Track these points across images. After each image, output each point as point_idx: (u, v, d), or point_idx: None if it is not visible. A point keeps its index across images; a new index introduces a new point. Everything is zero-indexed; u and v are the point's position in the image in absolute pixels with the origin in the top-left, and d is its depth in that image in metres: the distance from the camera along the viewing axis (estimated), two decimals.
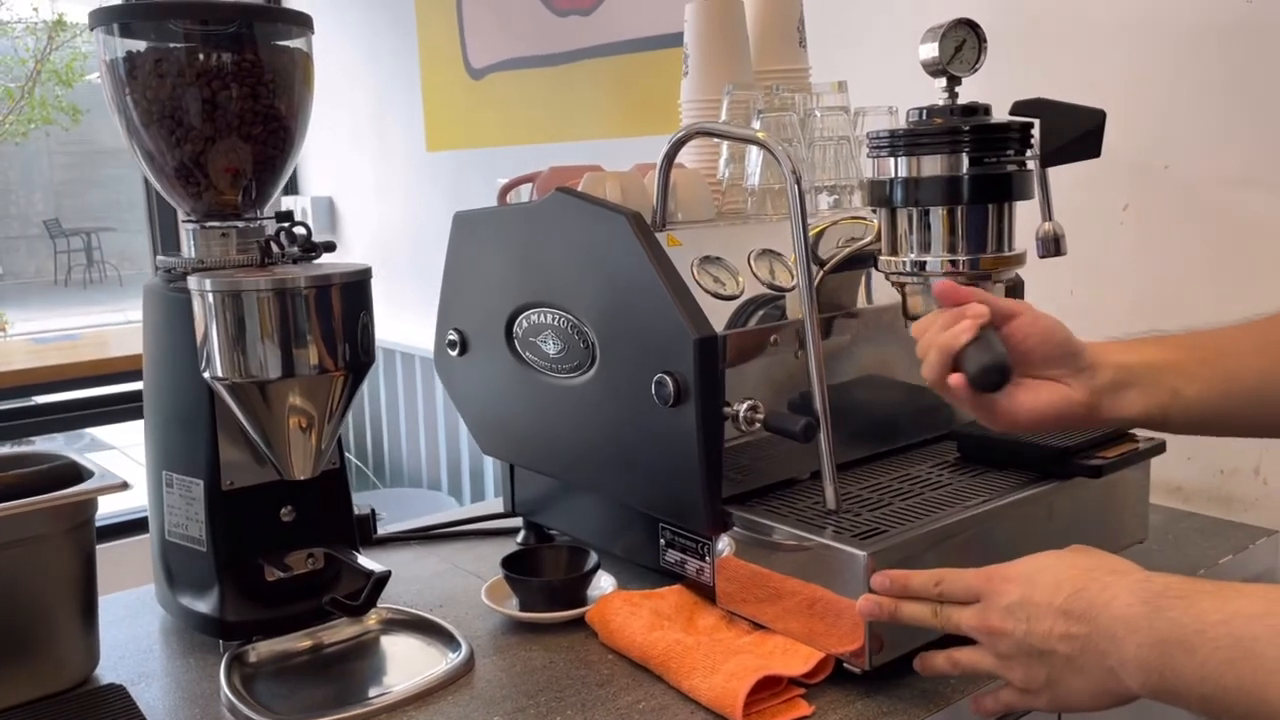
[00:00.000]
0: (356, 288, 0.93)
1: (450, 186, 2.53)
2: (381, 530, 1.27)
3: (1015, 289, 1.16)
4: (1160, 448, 1.03)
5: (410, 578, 1.14)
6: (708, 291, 0.95)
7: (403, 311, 2.45)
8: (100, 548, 0.95)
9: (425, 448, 2.67)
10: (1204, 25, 1.21)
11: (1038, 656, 0.70)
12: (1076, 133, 0.92)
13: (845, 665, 0.86)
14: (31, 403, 3.22)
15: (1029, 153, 0.94)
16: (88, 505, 0.91)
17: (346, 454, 3.02)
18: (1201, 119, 1.23)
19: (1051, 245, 0.99)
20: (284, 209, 3.14)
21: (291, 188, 3.17)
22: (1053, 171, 0.95)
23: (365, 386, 3.15)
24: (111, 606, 1.06)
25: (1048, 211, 0.98)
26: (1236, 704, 0.60)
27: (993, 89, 0.97)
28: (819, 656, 0.87)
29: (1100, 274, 1.33)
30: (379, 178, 2.80)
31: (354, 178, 2.91)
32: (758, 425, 0.94)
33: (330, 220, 3.02)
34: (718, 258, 0.98)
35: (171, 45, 0.95)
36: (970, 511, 0.92)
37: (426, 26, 2.50)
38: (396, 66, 2.63)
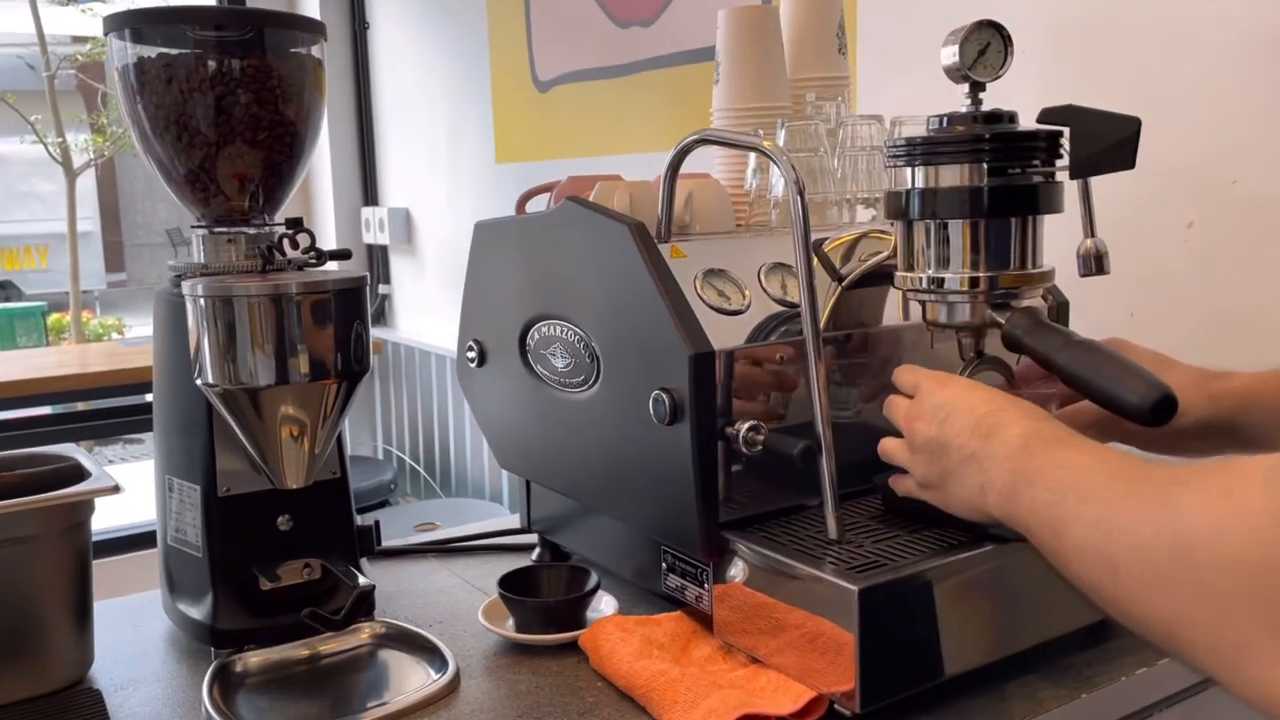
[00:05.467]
0: (350, 295, 0.92)
1: (516, 197, 2.53)
2: (400, 543, 1.26)
3: (1059, 309, 1.09)
4: None
5: (417, 591, 1.12)
6: (710, 306, 0.91)
7: None
8: (132, 555, 0.96)
9: (488, 459, 2.68)
10: (1274, 31, 1.12)
11: (940, 453, 0.78)
12: (1109, 142, 0.85)
13: (836, 707, 0.81)
14: (143, 400, 3.34)
15: (1058, 163, 0.88)
16: (82, 507, 0.91)
17: (414, 464, 3.06)
18: (1272, 131, 1.13)
19: (1094, 263, 0.92)
20: (362, 219, 3.18)
21: (371, 199, 3.22)
22: (1109, 185, 0.88)
23: (434, 398, 3.15)
24: (117, 610, 1.07)
25: (1090, 227, 0.92)
26: (1046, 541, 0.67)
27: (1045, 98, 0.90)
28: (810, 695, 0.81)
29: (1162, 295, 1.24)
30: (451, 189, 2.82)
31: (429, 189, 2.94)
32: (760, 447, 0.89)
33: (406, 230, 3.05)
34: (724, 271, 0.94)
35: (179, 51, 0.95)
36: (979, 548, 0.85)
37: (498, 41, 2.51)
38: (469, 81, 2.66)
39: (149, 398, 3.30)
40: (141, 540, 2.09)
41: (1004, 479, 0.71)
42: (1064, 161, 0.87)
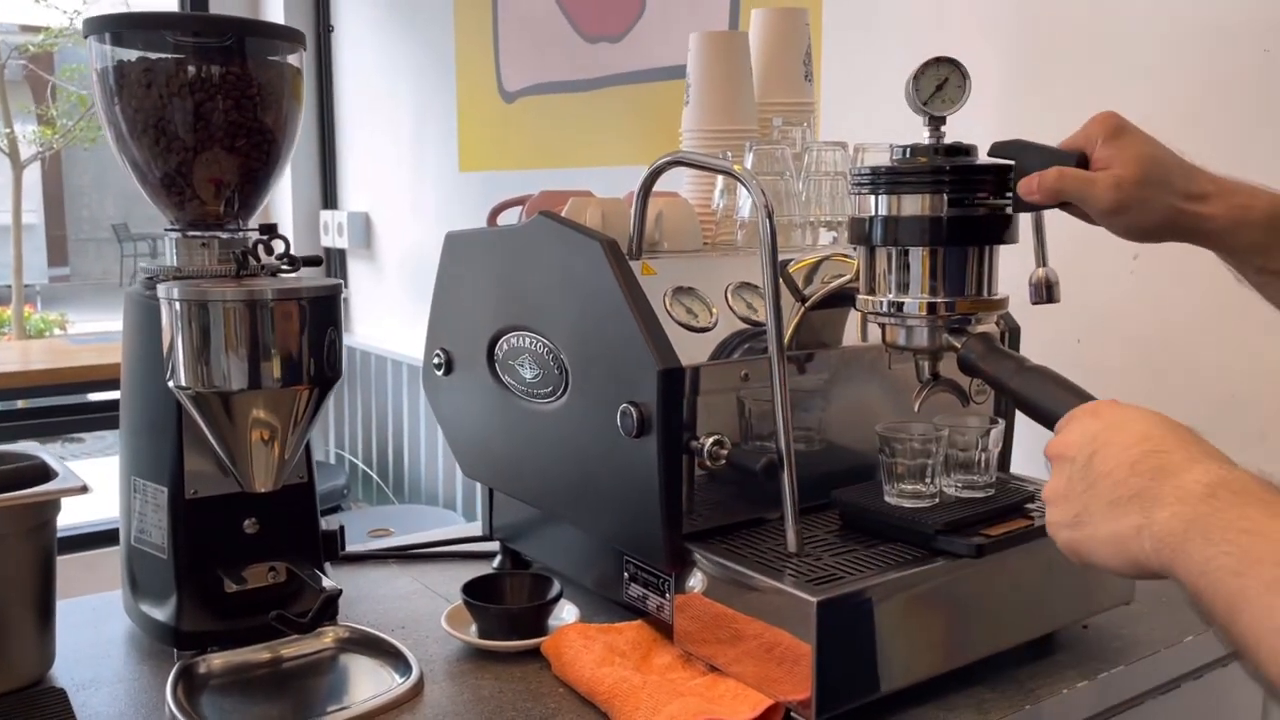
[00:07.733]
0: (325, 303, 0.93)
1: (480, 206, 2.53)
2: (361, 548, 1.27)
3: (1011, 334, 1.14)
4: None
5: (379, 596, 1.13)
6: (679, 323, 0.94)
7: None
8: (93, 553, 0.96)
9: (443, 466, 2.68)
10: (1221, 72, 1.18)
11: (1085, 487, 0.67)
12: None
13: (793, 715, 0.84)
14: (85, 399, 3.28)
15: (1009, 195, 0.91)
16: (47, 507, 0.91)
17: (368, 469, 3.04)
18: (1216, 168, 1.19)
19: (1044, 291, 0.96)
20: (321, 222, 3.17)
21: (331, 202, 3.21)
22: (1060, 217, 0.92)
23: (389, 404, 3.13)
24: (78, 610, 1.07)
25: (1043, 257, 0.96)
26: (1217, 612, 0.58)
27: (1005, 129, 0.93)
28: (767, 703, 0.84)
29: (1108, 323, 1.29)
30: (413, 196, 2.83)
31: (390, 195, 2.94)
32: (723, 461, 0.92)
33: (366, 235, 3.05)
34: (693, 289, 0.97)
35: (159, 56, 0.96)
36: (935, 562, 0.89)
37: (464, 49, 2.53)
38: (434, 88, 2.66)
39: (93, 397, 3.27)
40: (93, 539, 2.07)
41: (1173, 526, 0.61)
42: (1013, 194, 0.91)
